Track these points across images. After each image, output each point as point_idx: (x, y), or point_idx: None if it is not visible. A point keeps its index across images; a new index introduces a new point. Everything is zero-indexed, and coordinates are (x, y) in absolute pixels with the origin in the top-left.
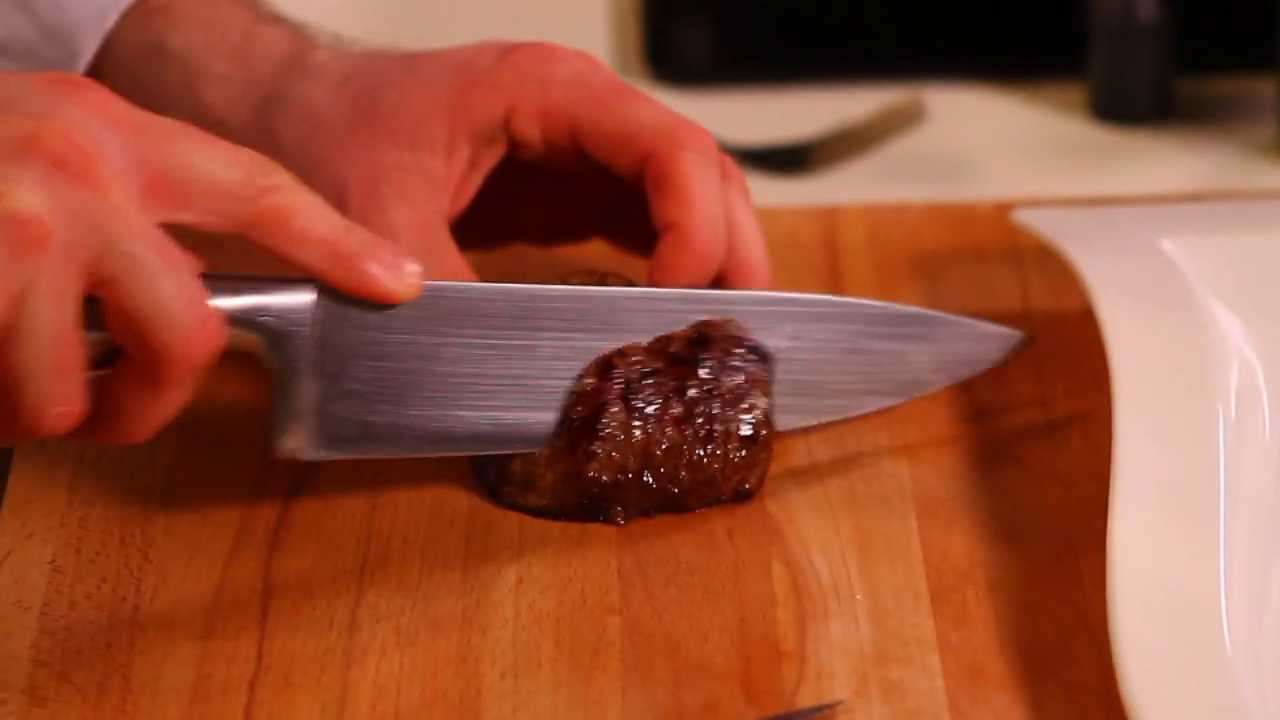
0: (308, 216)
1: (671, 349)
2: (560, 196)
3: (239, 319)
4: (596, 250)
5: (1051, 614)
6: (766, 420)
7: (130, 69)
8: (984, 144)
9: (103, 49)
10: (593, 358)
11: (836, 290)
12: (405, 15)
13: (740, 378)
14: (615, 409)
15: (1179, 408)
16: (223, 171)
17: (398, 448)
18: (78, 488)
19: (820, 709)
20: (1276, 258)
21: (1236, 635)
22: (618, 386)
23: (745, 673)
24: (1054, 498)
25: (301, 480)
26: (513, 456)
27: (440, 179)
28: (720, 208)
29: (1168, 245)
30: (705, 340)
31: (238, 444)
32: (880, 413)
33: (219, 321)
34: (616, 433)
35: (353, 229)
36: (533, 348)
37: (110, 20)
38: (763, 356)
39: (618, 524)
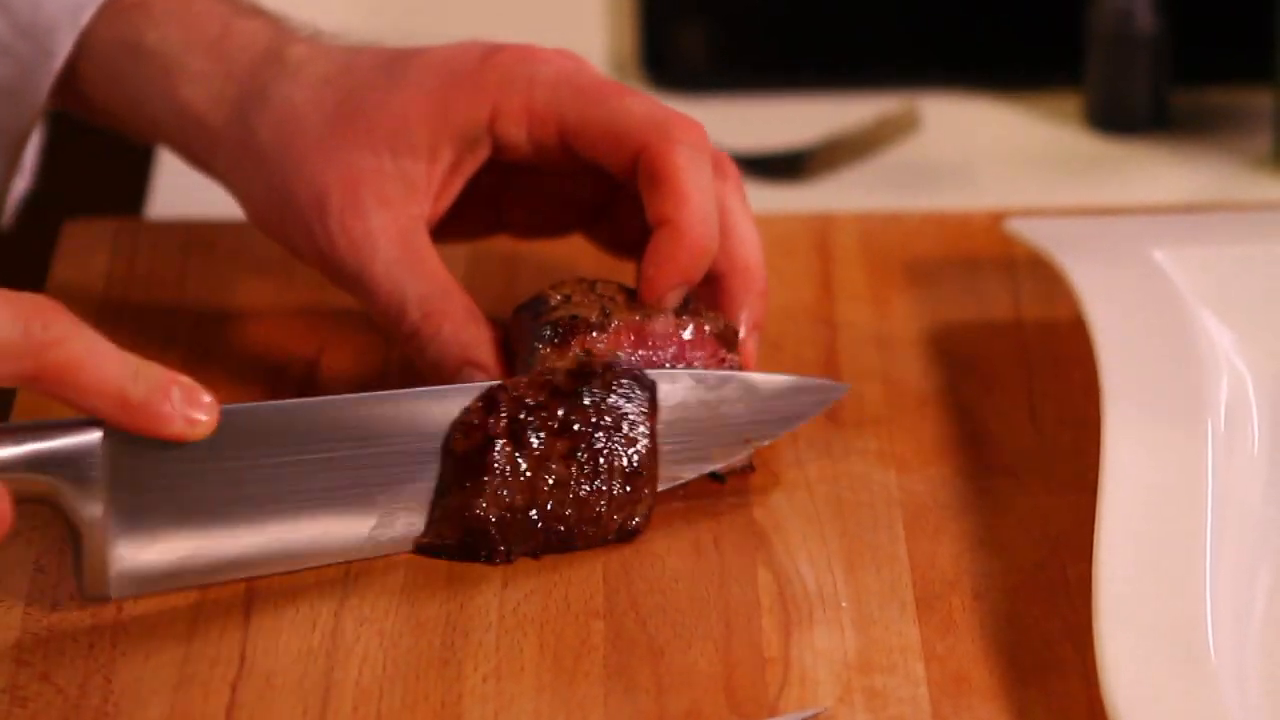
0: (93, 367)
1: (555, 380)
2: (543, 194)
3: (24, 469)
4: (588, 257)
5: (1037, 623)
6: (651, 453)
7: (108, 66)
8: (979, 153)
9: (79, 46)
10: (399, 465)
11: (829, 297)
12: (400, 17)
13: (622, 409)
14: (501, 443)
15: (1168, 418)
16: (3, 329)
17: (209, 576)
18: None
19: (803, 716)
20: (1267, 269)
21: (1222, 646)
22: (503, 420)
23: (728, 679)
24: (1042, 507)
25: None
26: None
27: (421, 184)
28: (713, 203)
29: (1159, 256)
30: (587, 372)
31: None
32: (868, 420)
33: (5, 509)
34: (504, 466)
35: (140, 372)
36: (334, 460)
37: (86, 17)
38: (645, 386)
39: (499, 564)
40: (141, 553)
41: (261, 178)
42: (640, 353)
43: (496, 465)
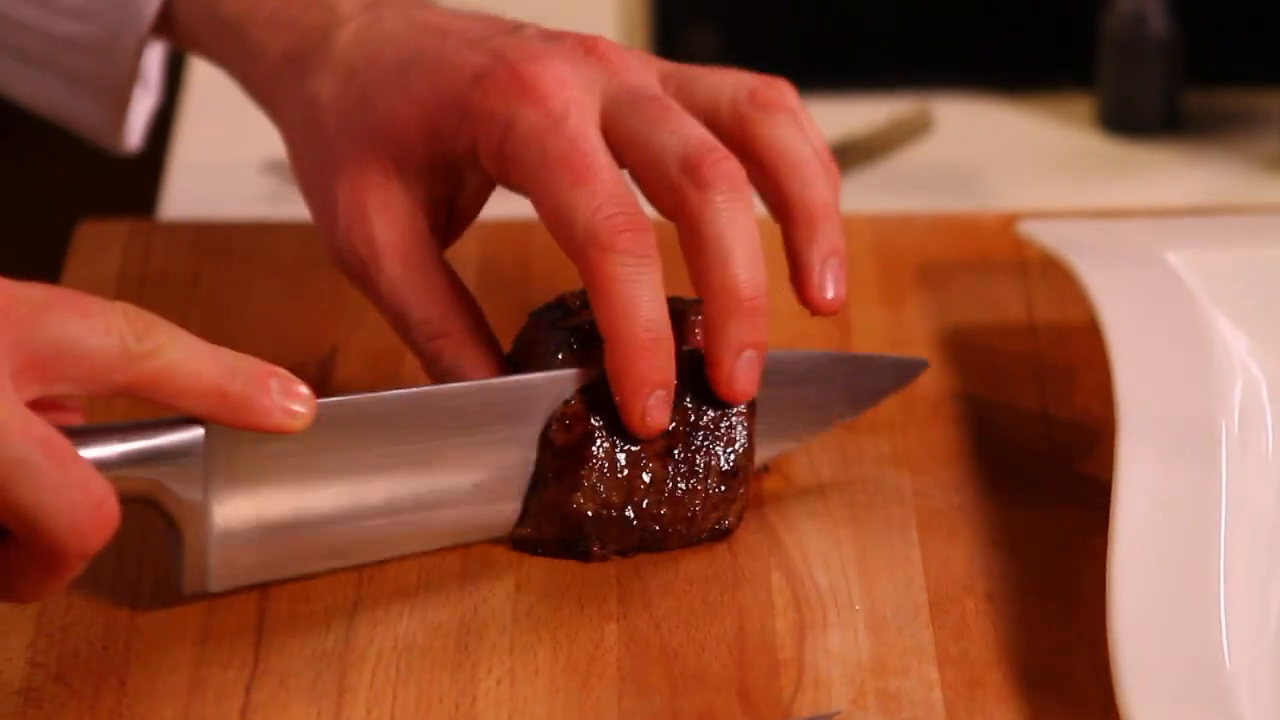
0: (190, 371)
1: None
2: None
3: (127, 465)
4: None
5: (1051, 627)
6: (748, 454)
7: (195, 33)
8: (992, 155)
9: (165, 11)
10: (494, 454)
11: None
12: None
13: (722, 409)
14: (600, 439)
15: (1182, 422)
16: (96, 341)
17: (304, 566)
18: None
19: (817, 718)
20: None
21: (1236, 651)
22: (606, 414)
23: (742, 682)
24: (1055, 510)
25: None
26: None
27: (423, 198)
28: (648, 306)
29: (1173, 258)
30: (693, 371)
31: None
32: (880, 423)
33: (112, 504)
34: (603, 462)
35: (238, 368)
36: (432, 450)
37: None
38: None
39: (594, 560)
40: (242, 545)
41: (303, 164)
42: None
43: (594, 461)
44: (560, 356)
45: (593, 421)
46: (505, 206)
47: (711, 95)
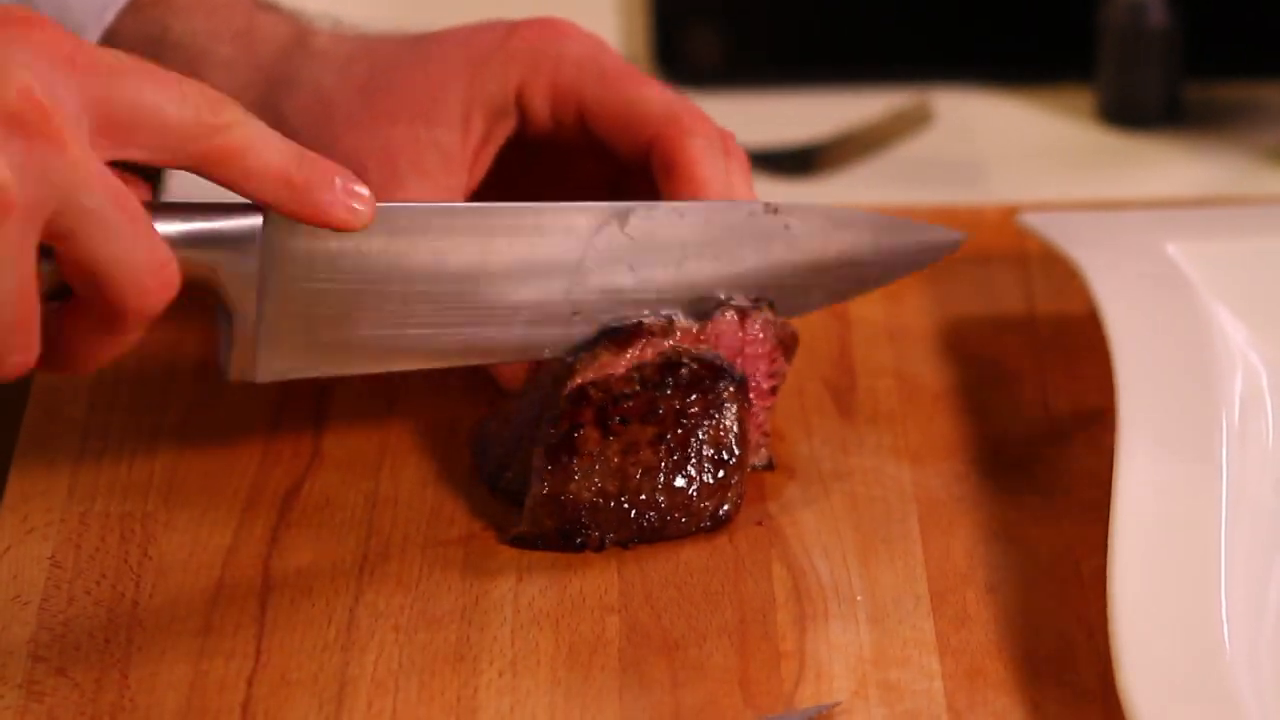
0: (259, 151)
1: (644, 373)
2: (565, 171)
3: (187, 245)
4: None
5: (1052, 617)
6: (740, 442)
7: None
8: (992, 147)
9: (104, 43)
10: (543, 272)
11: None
12: (413, 11)
13: (710, 398)
14: (590, 430)
15: (1182, 412)
16: (173, 109)
17: (348, 365)
18: (78, 483)
19: (818, 709)
20: None
21: (1236, 640)
22: (592, 409)
23: (744, 673)
24: (1055, 500)
25: (302, 477)
26: (512, 467)
27: (456, 154)
28: (727, 193)
29: (1172, 250)
30: (676, 364)
31: (239, 441)
32: (881, 415)
33: (174, 269)
34: (594, 451)
35: (305, 159)
36: (484, 264)
37: (111, 13)
38: (733, 378)
39: (595, 550)
40: (291, 337)
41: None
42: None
43: (586, 450)
44: (596, 349)
45: (582, 415)
46: None
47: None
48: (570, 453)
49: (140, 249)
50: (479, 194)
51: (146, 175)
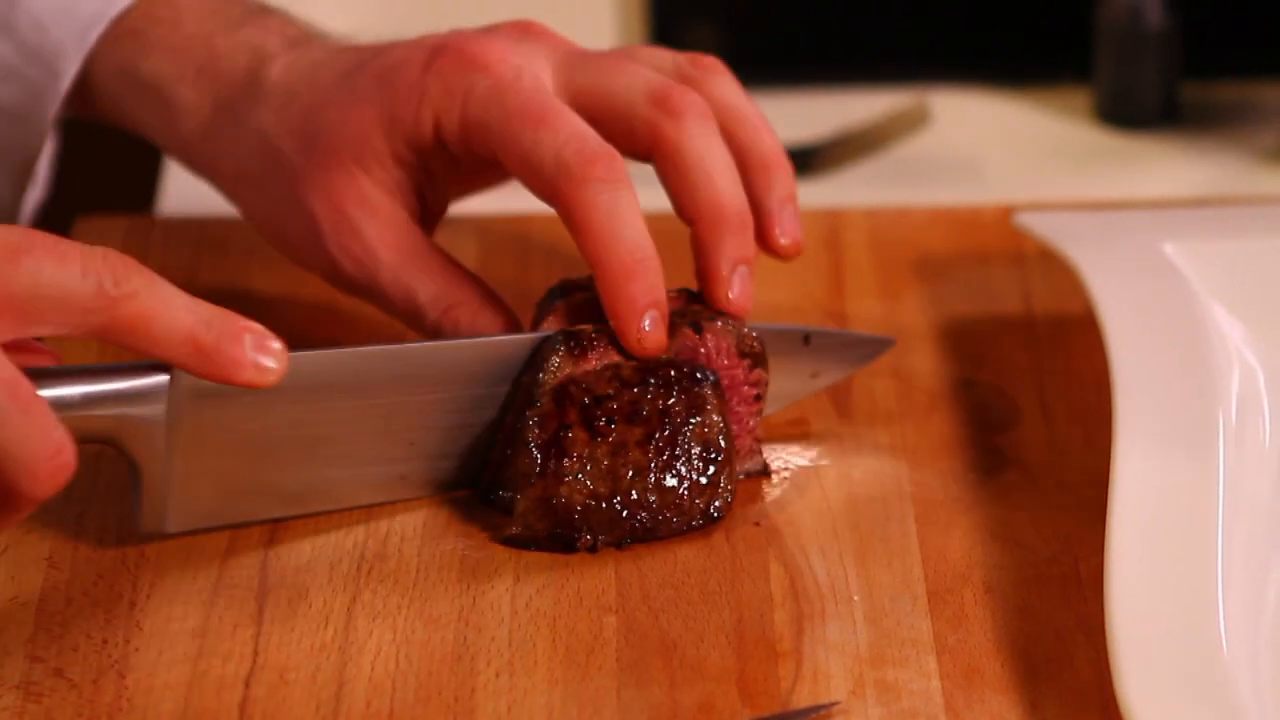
0: (164, 318)
1: (621, 372)
2: None
3: (91, 406)
4: None
5: (1049, 616)
6: (725, 436)
7: (110, 95)
8: (989, 147)
9: (84, 71)
10: (461, 412)
11: (839, 292)
12: (408, 15)
13: (690, 397)
14: (578, 431)
15: (1180, 411)
16: (74, 285)
17: (262, 511)
18: (75, 483)
19: (816, 709)
20: (1278, 262)
21: (1234, 639)
22: (576, 409)
23: (741, 673)
24: (1053, 500)
25: None
26: (503, 483)
27: (396, 187)
28: (613, 243)
29: (1170, 249)
30: (651, 367)
31: None
32: (879, 414)
33: (69, 456)
34: (583, 453)
35: (213, 320)
36: (398, 405)
37: (92, 39)
38: (709, 377)
39: (588, 552)
40: (200, 489)
41: (262, 202)
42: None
43: (575, 453)
44: (558, 352)
45: (568, 415)
46: (503, 203)
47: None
48: (559, 454)
49: (32, 438)
50: (458, 183)
51: None
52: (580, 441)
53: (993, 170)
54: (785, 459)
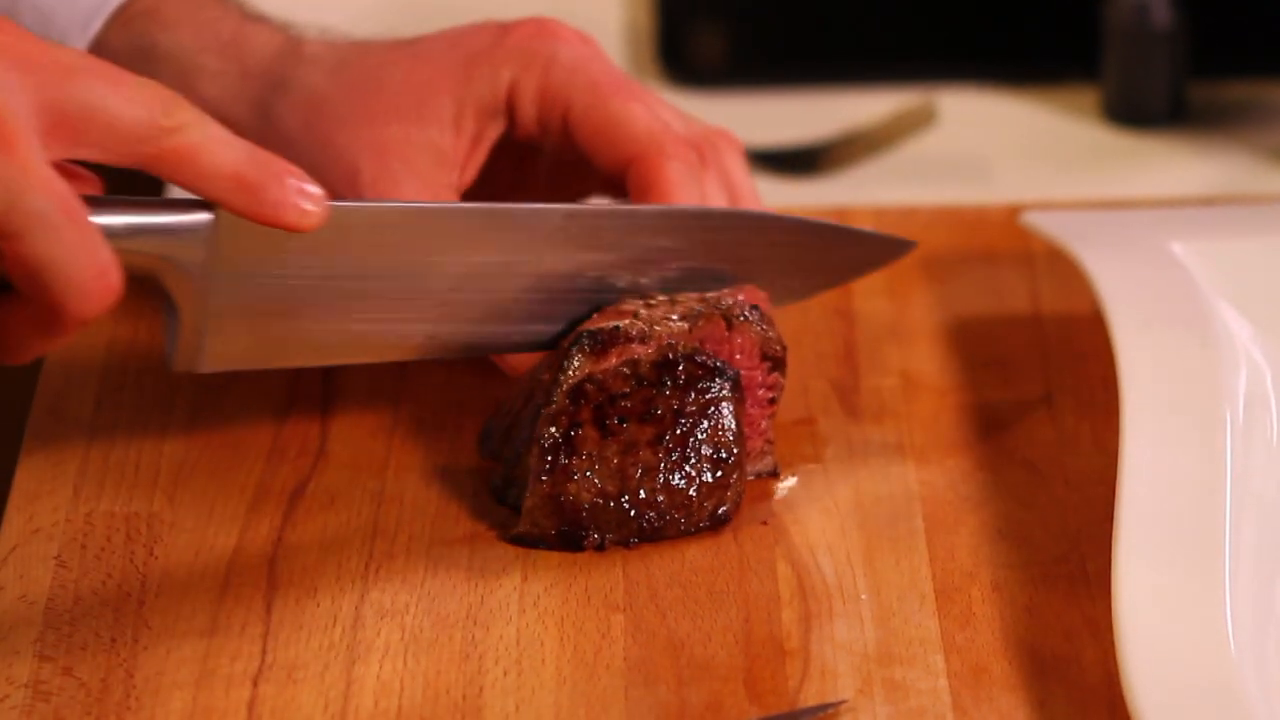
0: (211, 152)
1: (639, 370)
2: (556, 171)
3: (133, 238)
4: None
5: (1057, 615)
6: (738, 441)
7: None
8: (997, 147)
9: (92, 54)
10: (488, 275)
11: (845, 291)
12: (418, 14)
13: (706, 397)
14: (589, 430)
15: (1187, 410)
16: (126, 110)
17: (293, 358)
18: (84, 483)
19: (823, 708)
20: None
21: (1242, 638)
22: (589, 408)
23: (749, 672)
24: (1060, 499)
25: (307, 477)
26: (516, 482)
27: (448, 153)
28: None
29: (1177, 248)
30: (670, 363)
31: (244, 441)
32: (886, 413)
33: (116, 275)
34: (593, 452)
35: (257, 159)
36: (433, 263)
37: (96, 25)
38: (727, 375)
39: (596, 550)
40: (235, 330)
41: (301, 157)
42: None
43: (585, 451)
44: (575, 354)
45: (582, 413)
46: None
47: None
48: (569, 453)
49: (82, 254)
50: (471, 192)
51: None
52: (590, 440)
53: (1000, 169)
54: (793, 458)
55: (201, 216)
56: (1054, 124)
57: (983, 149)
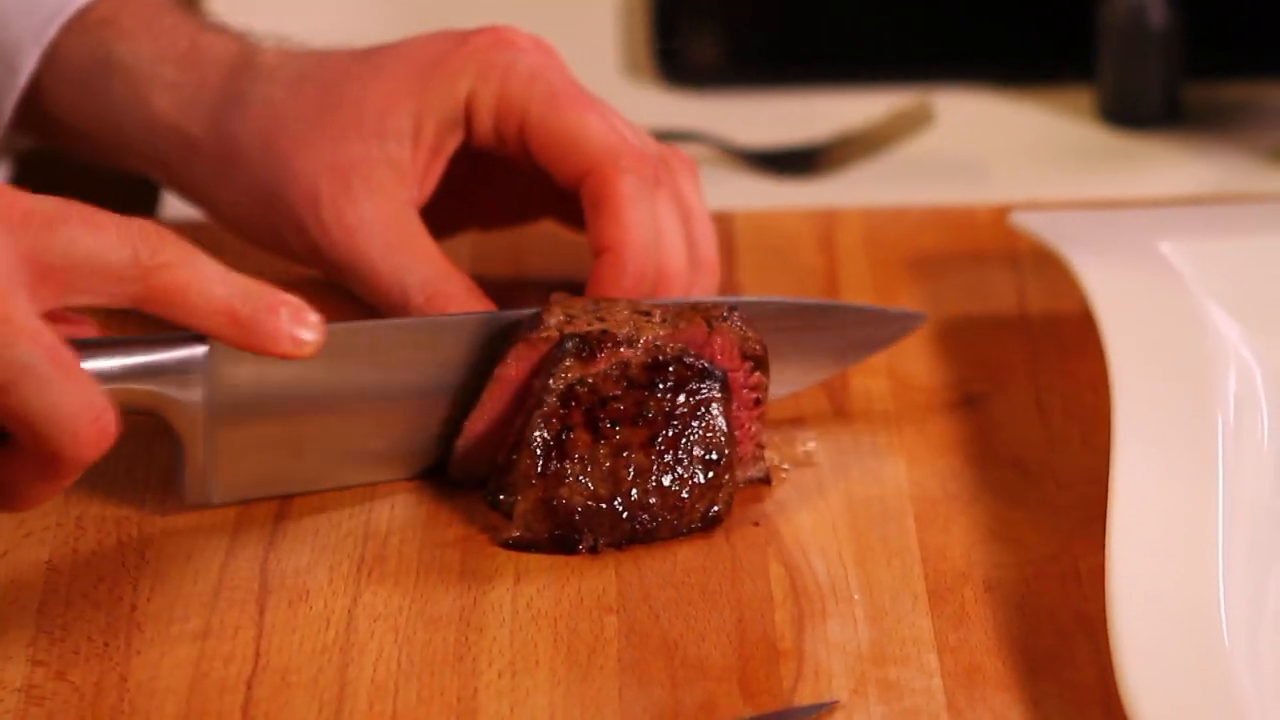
0: (201, 288)
1: (630, 372)
2: (512, 182)
3: (129, 379)
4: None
5: (1050, 614)
6: (729, 439)
7: (76, 82)
8: (993, 147)
9: (46, 63)
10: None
11: (835, 292)
12: (408, 17)
13: (696, 398)
14: (581, 433)
15: (1177, 410)
16: (111, 254)
17: (304, 484)
18: (74, 487)
19: (817, 707)
20: (1275, 261)
21: (1235, 636)
22: (581, 411)
23: (743, 672)
24: (1052, 499)
25: None
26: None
27: (407, 168)
28: (654, 235)
29: (1166, 248)
30: (660, 364)
31: None
32: (876, 414)
33: (110, 418)
34: (585, 455)
35: (250, 292)
36: (431, 374)
37: (49, 35)
38: (716, 377)
39: (589, 553)
40: (242, 460)
41: (245, 180)
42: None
43: (576, 455)
44: (563, 359)
45: (573, 416)
46: None
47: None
48: (561, 456)
49: (75, 401)
50: (428, 204)
51: None
52: (582, 443)
53: (996, 171)
54: (783, 460)
55: (197, 350)
56: (1050, 125)
57: (979, 150)
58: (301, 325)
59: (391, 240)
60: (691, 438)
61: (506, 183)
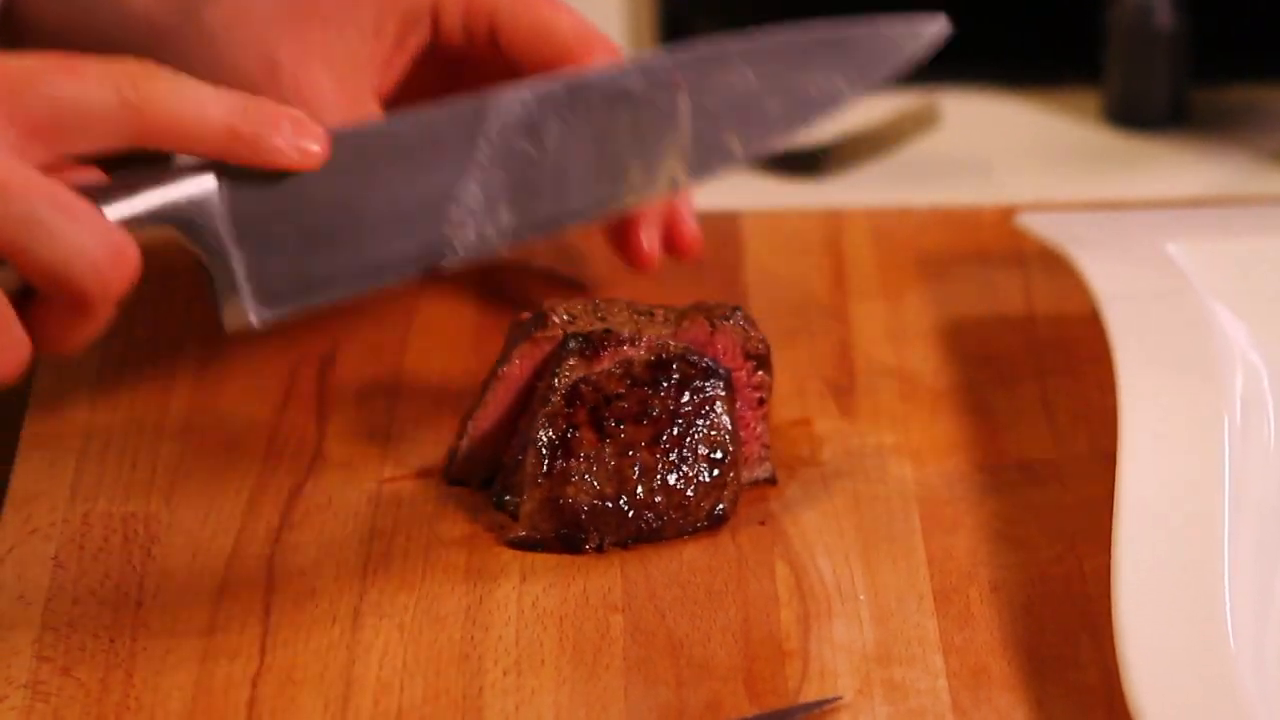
0: (197, 114)
1: (634, 370)
2: (485, 81)
3: (147, 219)
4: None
5: (1055, 615)
6: (733, 438)
7: None
8: (999, 148)
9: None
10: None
11: (841, 293)
12: None
13: (701, 396)
14: (586, 432)
15: (1184, 411)
16: (95, 98)
17: (337, 290)
18: (81, 483)
19: (819, 704)
20: None
21: (1241, 637)
22: (585, 410)
23: (748, 672)
24: (1058, 500)
25: (304, 477)
26: (512, 485)
27: (368, 57)
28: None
29: (1173, 249)
30: (664, 362)
31: (240, 442)
32: (882, 415)
33: (132, 251)
34: (590, 454)
35: (248, 106)
36: (442, 166)
37: None
38: (720, 375)
39: (595, 552)
40: (273, 279)
41: (208, 61)
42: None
43: (582, 454)
44: (566, 359)
45: (578, 415)
46: None
47: None
48: (567, 455)
49: (88, 242)
50: (393, 103)
51: None
52: (587, 442)
53: (1002, 171)
54: (790, 460)
55: (206, 176)
56: (1056, 126)
57: (985, 151)
58: (305, 136)
59: (345, 107)
60: (696, 436)
61: (476, 85)
